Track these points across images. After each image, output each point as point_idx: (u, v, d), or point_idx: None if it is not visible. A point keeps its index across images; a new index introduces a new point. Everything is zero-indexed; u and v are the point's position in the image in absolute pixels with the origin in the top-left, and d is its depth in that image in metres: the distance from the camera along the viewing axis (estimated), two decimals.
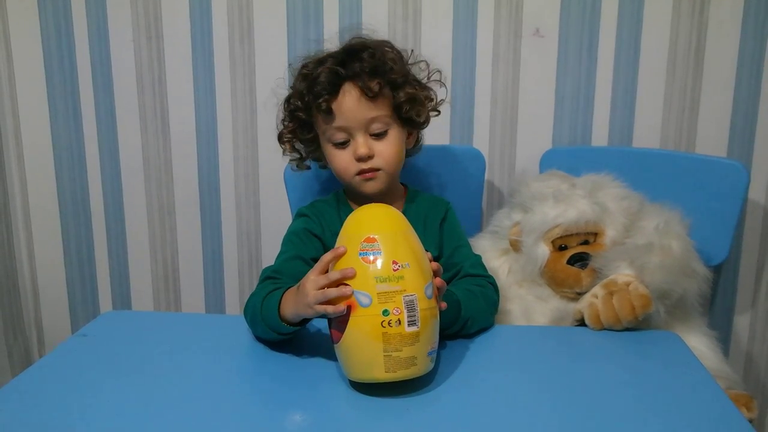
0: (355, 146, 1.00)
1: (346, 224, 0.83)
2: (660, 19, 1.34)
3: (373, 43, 1.04)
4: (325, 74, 0.99)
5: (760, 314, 1.46)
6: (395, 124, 1.03)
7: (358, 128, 1.00)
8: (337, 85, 0.99)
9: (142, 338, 0.95)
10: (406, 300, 0.76)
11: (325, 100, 0.98)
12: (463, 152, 1.32)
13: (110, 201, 1.56)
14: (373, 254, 0.77)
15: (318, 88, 0.99)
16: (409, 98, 1.02)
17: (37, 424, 0.74)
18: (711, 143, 1.38)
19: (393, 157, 1.02)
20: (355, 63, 0.99)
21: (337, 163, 1.03)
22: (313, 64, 1.03)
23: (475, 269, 1.02)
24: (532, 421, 0.75)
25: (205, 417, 0.75)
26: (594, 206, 1.11)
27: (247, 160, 1.49)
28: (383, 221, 0.81)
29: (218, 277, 1.57)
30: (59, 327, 1.65)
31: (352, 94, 0.99)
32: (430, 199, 1.12)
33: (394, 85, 1.01)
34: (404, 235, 0.80)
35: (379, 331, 0.75)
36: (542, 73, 1.39)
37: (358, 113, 0.99)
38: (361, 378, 0.79)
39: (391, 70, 1.01)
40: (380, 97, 1.00)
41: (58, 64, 1.49)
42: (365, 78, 0.98)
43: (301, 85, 1.02)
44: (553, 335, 1.00)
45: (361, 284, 0.76)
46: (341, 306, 0.77)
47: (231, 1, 1.41)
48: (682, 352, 0.91)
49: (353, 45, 1.03)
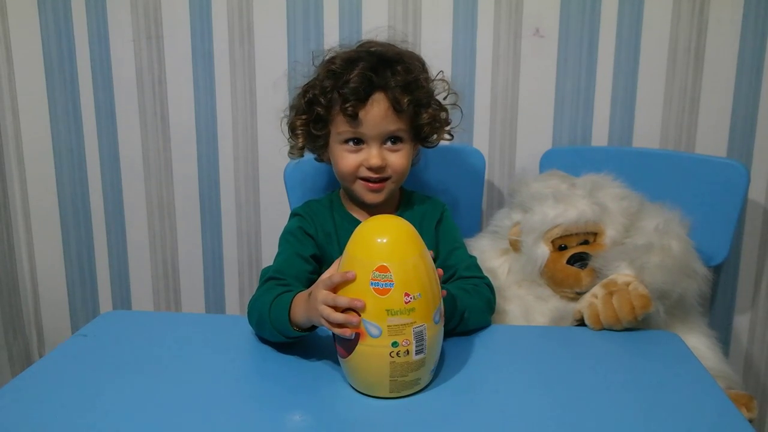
0: (368, 155, 1.00)
1: (357, 243, 0.78)
2: (660, 19, 1.34)
3: (407, 56, 1.02)
4: (357, 79, 0.96)
5: (760, 314, 1.46)
6: (409, 139, 1.03)
7: (375, 138, 1.00)
8: (368, 93, 0.97)
9: (142, 338, 0.95)
10: (415, 331, 0.76)
11: (353, 105, 0.97)
12: (463, 152, 1.32)
13: (110, 201, 1.56)
14: (384, 285, 0.74)
15: (347, 92, 0.97)
16: (431, 120, 1.03)
17: (37, 424, 0.74)
18: (711, 143, 1.38)
19: (403, 170, 1.03)
20: (388, 73, 0.98)
21: (344, 165, 1.02)
22: (342, 61, 1.00)
23: (469, 271, 1.02)
24: (532, 421, 0.75)
25: (205, 417, 0.75)
26: (594, 206, 1.11)
27: (247, 160, 1.49)
28: (396, 247, 0.76)
29: (218, 277, 1.57)
30: (59, 327, 1.65)
31: (381, 105, 0.98)
32: (425, 201, 1.11)
33: (420, 103, 1.01)
34: (417, 262, 0.76)
35: (387, 360, 0.76)
36: (542, 73, 1.39)
37: (382, 125, 0.99)
38: (364, 392, 0.80)
39: (421, 89, 1.01)
40: (405, 113, 1.00)
41: (58, 64, 1.49)
42: (397, 92, 0.98)
43: (327, 81, 1.00)
44: (553, 335, 1.00)
45: (371, 315, 0.75)
46: (348, 330, 0.76)
47: (231, 1, 1.41)
48: (682, 352, 0.91)
49: (387, 53, 1.01)
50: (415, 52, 1.06)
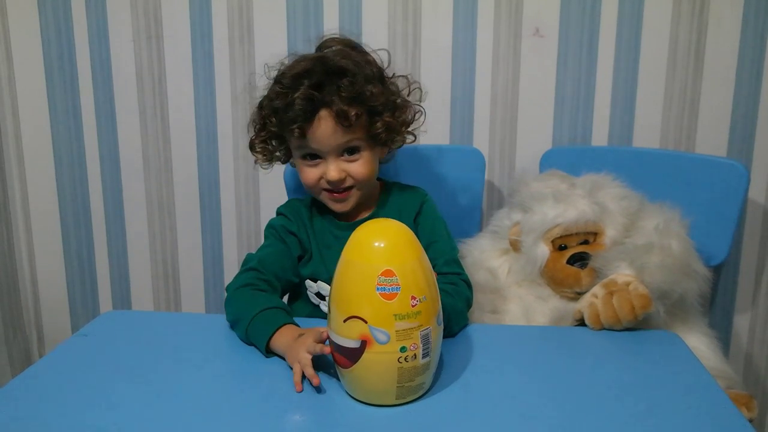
0: (326, 168, 0.99)
1: (355, 249, 0.76)
2: (660, 19, 1.34)
3: (352, 65, 0.98)
4: (300, 100, 0.95)
5: (760, 314, 1.46)
6: (368, 145, 1.01)
7: (330, 152, 0.99)
8: (313, 112, 0.96)
9: (142, 338, 0.95)
10: (422, 335, 0.75)
11: (299, 126, 0.96)
12: (463, 152, 1.32)
13: (110, 201, 1.56)
14: (391, 289, 0.73)
15: (292, 114, 0.96)
16: (385, 127, 1.00)
17: (37, 424, 0.74)
18: (711, 143, 1.38)
19: (365, 176, 1.01)
20: (333, 87, 0.96)
21: (306, 179, 1.02)
22: (289, 79, 0.98)
23: (448, 266, 1.02)
24: (532, 421, 0.75)
25: (205, 417, 0.75)
26: (594, 206, 1.11)
27: (247, 160, 1.49)
28: (397, 251, 0.75)
29: (218, 277, 1.57)
30: (59, 327, 1.65)
31: (328, 122, 0.96)
32: (405, 193, 1.10)
33: (373, 111, 0.99)
34: (418, 263, 0.76)
35: (395, 366, 0.75)
36: (542, 73, 1.39)
37: (332, 139, 0.97)
38: (368, 402, 0.78)
39: (371, 97, 0.97)
40: (356, 124, 0.97)
41: (58, 64, 1.49)
42: (342, 106, 0.95)
43: (276, 101, 0.99)
44: (553, 335, 1.00)
45: (378, 321, 0.73)
46: (298, 386, 0.80)
47: (231, 1, 1.41)
48: (682, 352, 0.91)
49: (333, 64, 0.98)
50: (369, 54, 1.04)
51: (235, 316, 0.94)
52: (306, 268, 1.06)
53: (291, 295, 1.11)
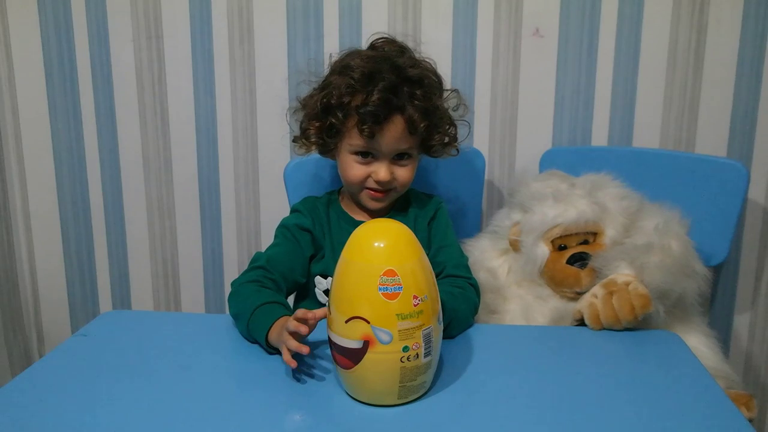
0: (377, 168, 1.01)
1: (355, 249, 0.76)
2: (660, 19, 1.34)
3: (426, 76, 1.02)
4: (377, 101, 0.96)
5: (760, 314, 1.46)
6: (417, 153, 1.05)
7: (386, 154, 1.01)
8: (387, 115, 0.97)
9: (142, 338, 0.95)
10: (424, 334, 0.75)
11: (370, 127, 0.97)
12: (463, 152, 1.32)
13: (110, 201, 1.56)
14: (394, 289, 0.73)
15: (366, 114, 0.97)
16: (441, 141, 1.05)
17: (37, 424, 0.74)
18: (711, 143, 1.38)
19: (409, 181, 1.05)
20: (407, 93, 0.98)
21: (352, 175, 1.03)
22: (361, 75, 0.99)
23: (457, 270, 1.02)
24: (532, 421, 0.75)
25: (205, 417, 0.75)
26: (593, 206, 1.11)
27: (247, 160, 1.49)
28: (398, 250, 0.75)
29: (218, 277, 1.57)
30: (59, 327, 1.65)
31: (398, 127, 0.99)
32: (422, 199, 1.12)
33: (434, 125, 1.03)
34: (418, 263, 0.76)
35: (398, 366, 0.75)
36: (542, 73, 1.39)
37: (395, 144, 1.00)
38: (370, 402, 0.78)
39: (436, 111, 1.02)
40: (418, 134, 1.01)
41: (58, 64, 1.49)
42: (415, 116, 0.98)
43: (345, 96, 0.99)
44: (553, 335, 1.00)
45: (381, 321, 0.73)
46: (293, 363, 0.80)
47: (231, 1, 1.41)
48: (682, 352, 0.91)
49: (407, 69, 1.00)
50: (430, 64, 1.07)
51: (237, 309, 0.95)
52: (318, 265, 1.06)
53: (298, 294, 1.11)
